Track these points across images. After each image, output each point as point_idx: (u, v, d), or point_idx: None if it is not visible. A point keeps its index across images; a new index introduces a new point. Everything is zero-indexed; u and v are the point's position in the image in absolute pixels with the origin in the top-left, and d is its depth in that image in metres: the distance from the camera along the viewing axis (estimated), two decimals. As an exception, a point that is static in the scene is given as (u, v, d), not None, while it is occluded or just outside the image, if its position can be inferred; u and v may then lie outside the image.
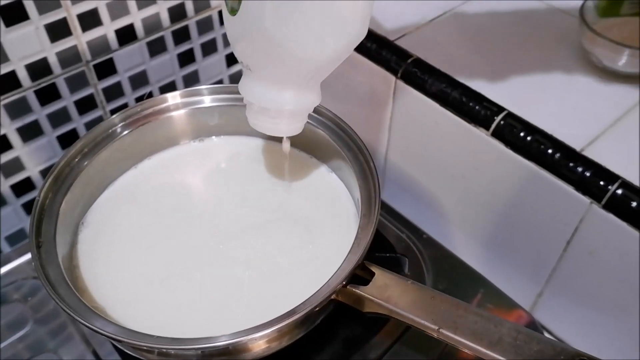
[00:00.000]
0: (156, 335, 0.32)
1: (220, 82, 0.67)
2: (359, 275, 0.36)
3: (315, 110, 0.42)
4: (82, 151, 0.42)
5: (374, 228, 0.36)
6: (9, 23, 0.47)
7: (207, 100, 0.43)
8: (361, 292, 0.34)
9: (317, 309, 0.34)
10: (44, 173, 0.57)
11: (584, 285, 0.49)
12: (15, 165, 0.54)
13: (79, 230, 0.41)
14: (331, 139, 0.42)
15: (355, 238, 0.37)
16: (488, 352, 0.30)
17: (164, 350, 0.34)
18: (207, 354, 0.36)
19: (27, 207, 0.57)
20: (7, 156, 0.53)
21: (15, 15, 0.47)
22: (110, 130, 0.43)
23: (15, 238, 0.58)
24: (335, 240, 0.41)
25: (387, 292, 0.34)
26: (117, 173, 0.45)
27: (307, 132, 0.44)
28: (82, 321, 0.32)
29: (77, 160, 0.41)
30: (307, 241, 0.41)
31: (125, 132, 0.43)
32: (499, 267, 0.54)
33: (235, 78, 0.68)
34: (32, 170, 0.56)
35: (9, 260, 0.49)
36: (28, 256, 0.49)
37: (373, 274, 0.35)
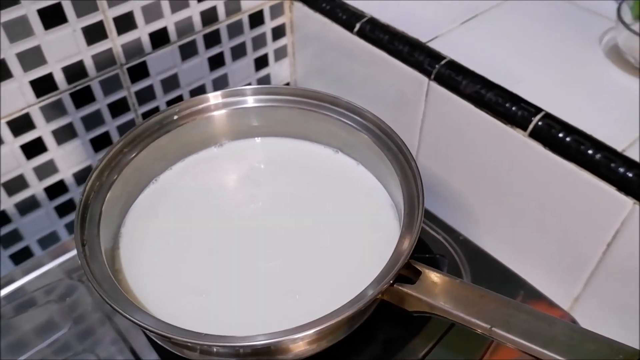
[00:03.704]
0: (203, 333, 0.32)
1: (248, 85, 0.67)
2: (403, 274, 0.36)
3: (356, 112, 0.42)
4: (122, 150, 0.42)
5: (419, 224, 0.36)
6: (48, 26, 0.47)
7: (249, 101, 0.43)
8: (409, 291, 0.34)
9: (363, 308, 0.33)
10: (77, 176, 0.57)
11: (623, 290, 0.48)
12: (49, 168, 0.54)
13: (119, 235, 0.41)
14: (371, 140, 0.42)
15: (400, 237, 0.36)
16: (544, 351, 0.30)
17: (208, 347, 0.34)
18: (249, 353, 0.35)
19: (60, 209, 0.58)
20: (42, 158, 0.53)
21: (54, 17, 0.47)
22: (150, 130, 0.43)
23: (46, 241, 0.59)
24: (374, 241, 0.41)
25: (435, 290, 0.33)
26: (154, 173, 0.45)
27: (347, 134, 0.44)
28: (132, 318, 0.31)
29: (118, 159, 0.41)
30: (347, 242, 0.41)
31: (165, 132, 0.43)
32: (534, 270, 0.53)
33: (263, 81, 0.68)
34: (66, 172, 0.56)
35: (40, 264, 0.49)
36: (60, 260, 0.49)
37: (419, 272, 0.35)
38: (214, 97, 0.43)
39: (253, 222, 0.43)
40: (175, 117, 0.44)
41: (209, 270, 0.40)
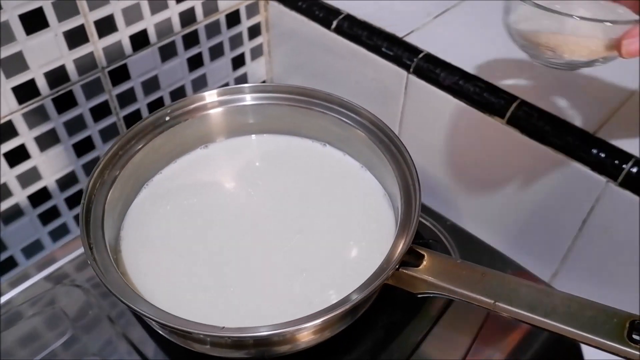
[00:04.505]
0: (220, 326, 0.33)
1: (226, 84, 0.68)
2: (405, 259, 0.37)
3: (349, 108, 0.44)
4: (117, 153, 0.42)
5: (417, 211, 0.37)
6: (29, 31, 0.47)
7: (245, 99, 0.44)
8: (414, 274, 0.35)
9: (372, 294, 0.35)
10: (60, 182, 0.56)
11: (599, 264, 0.51)
12: (33, 175, 0.54)
13: (119, 238, 0.42)
14: (363, 134, 0.43)
15: (400, 223, 0.38)
16: (546, 320, 0.32)
17: (221, 339, 0.35)
18: (260, 344, 0.37)
19: (43, 217, 0.57)
20: (25, 166, 0.53)
21: (36, 22, 0.47)
22: (144, 130, 0.43)
23: (30, 249, 0.58)
24: (372, 230, 0.42)
25: (438, 271, 0.35)
26: (150, 174, 0.45)
27: (339, 129, 0.45)
28: (154, 317, 0.32)
29: (114, 162, 0.41)
30: (346, 232, 0.42)
31: (159, 132, 0.43)
32: (515, 249, 0.56)
33: (241, 80, 0.69)
34: (49, 179, 0.55)
35: (29, 275, 0.48)
36: (51, 268, 0.49)
37: (421, 256, 0.37)
38: (209, 96, 0.43)
39: (251, 217, 0.44)
40: (167, 118, 0.44)
41: (212, 266, 0.41)
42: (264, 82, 0.72)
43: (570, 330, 0.32)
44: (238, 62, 0.67)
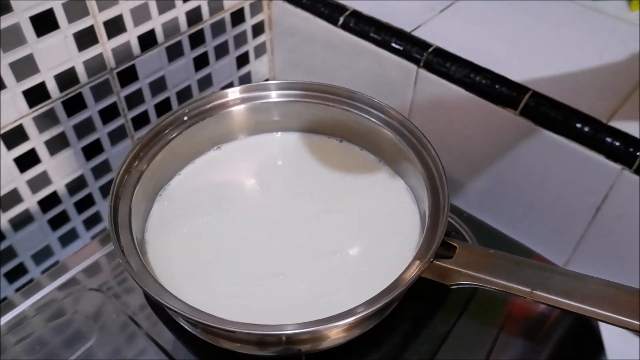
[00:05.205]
0: (261, 324, 0.33)
1: (230, 84, 0.67)
2: (438, 251, 0.37)
3: (369, 104, 0.44)
4: (138, 154, 0.42)
5: (447, 203, 0.38)
6: (40, 33, 0.46)
7: (271, 96, 0.44)
8: (449, 266, 0.36)
9: (408, 287, 0.35)
10: (69, 186, 0.55)
11: (612, 251, 0.52)
12: (43, 180, 0.53)
13: (144, 240, 0.41)
14: (386, 130, 0.44)
15: (430, 217, 0.38)
16: (583, 306, 0.32)
17: (258, 337, 0.35)
18: (293, 340, 0.36)
19: (53, 222, 0.56)
20: (35, 170, 0.52)
21: (46, 24, 0.46)
22: (164, 130, 0.42)
23: (40, 256, 0.57)
24: (398, 224, 0.43)
25: (472, 262, 0.36)
26: (170, 175, 0.45)
27: (357, 125, 0.45)
28: (196, 318, 0.32)
29: (135, 164, 0.41)
30: (373, 227, 0.43)
31: (179, 131, 0.43)
32: (526, 240, 0.57)
33: (245, 79, 0.69)
34: (58, 183, 0.54)
35: (41, 285, 0.47)
36: (60, 281, 0.48)
37: (453, 247, 0.37)
38: (232, 93, 0.43)
39: (276, 213, 0.43)
40: (186, 117, 0.44)
41: (241, 263, 0.40)
42: (267, 79, 0.72)
43: (608, 315, 0.32)
44: (242, 60, 0.67)
